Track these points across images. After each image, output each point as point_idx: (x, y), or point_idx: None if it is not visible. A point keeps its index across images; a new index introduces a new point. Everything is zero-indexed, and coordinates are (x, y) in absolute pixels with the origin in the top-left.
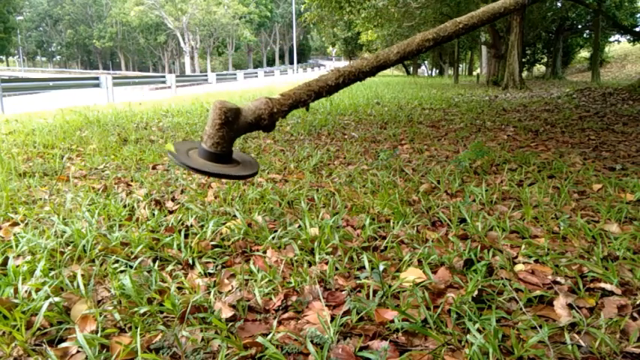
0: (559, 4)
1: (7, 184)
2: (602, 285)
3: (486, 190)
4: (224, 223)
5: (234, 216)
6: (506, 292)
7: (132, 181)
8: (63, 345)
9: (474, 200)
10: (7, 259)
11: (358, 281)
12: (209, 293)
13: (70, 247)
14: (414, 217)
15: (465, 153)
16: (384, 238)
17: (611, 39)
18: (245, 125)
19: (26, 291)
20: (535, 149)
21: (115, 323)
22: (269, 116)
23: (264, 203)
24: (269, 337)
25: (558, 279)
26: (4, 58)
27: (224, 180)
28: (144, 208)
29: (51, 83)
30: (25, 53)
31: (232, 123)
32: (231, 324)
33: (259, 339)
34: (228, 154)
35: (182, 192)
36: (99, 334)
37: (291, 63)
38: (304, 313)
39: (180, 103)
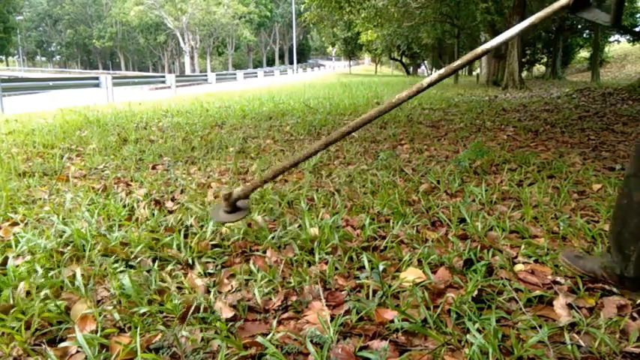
0: None
1: (6, 184)
2: (602, 285)
3: (486, 190)
4: (224, 223)
5: None
6: (506, 292)
7: (132, 180)
8: (62, 345)
9: (474, 200)
10: (6, 259)
11: (358, 281)
12: (209, 293)
13: (69, 247)
14: (413, 217)
15: (464, 153)
16: (384, 238)
17: (611, 39)
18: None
19: (25, 291)
20: (535, 149)
21: (115, 323)
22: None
23: (264, 203)
24: (269, 337)
25: (558, 279)
26: (3, 58)
27: (224, 180)
28: (144, 208)
29: (51, 83)
30: (24, 53)
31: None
32: (231, 324)
33: (259, 339)
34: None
35: (182, 192)
36: (98, 334)
37: (291, 63)
38: (304, 313)
39: (180, 103)
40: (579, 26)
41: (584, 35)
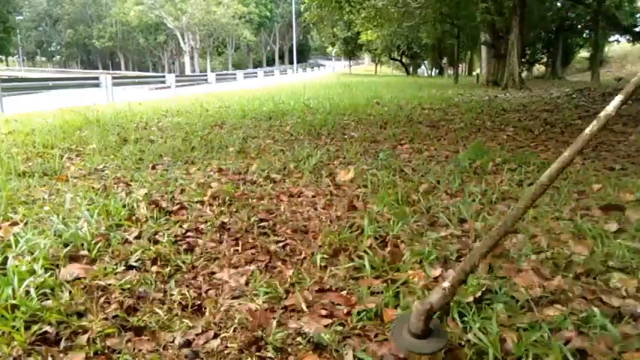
0: (559, 4)
1: (6, 184)
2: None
3: (486, 190)
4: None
5: None
6: (507, 292)
7: (131, 180)
8: (63, 345)
9: (474, 200)
10: (6, 258)
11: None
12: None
13: (69, 247)
14: (414, 217)
15: (464, 153)
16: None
17: (611, 39)
18: None
19: (25, 291)
20: (535, 149)
21: (114, 322)
22: None
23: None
24: (269, 337)
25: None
26: (3, 58)
27: (223, 180)
28: (143, 208)
29: (50, 83)
30: (24, 53)
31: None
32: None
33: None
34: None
35: (182, 192)
36: (99, 335)
37: (291, 63)
38: (304, 313)
39: (180, 103)
40: (579, 26)
41: (584, 35)
